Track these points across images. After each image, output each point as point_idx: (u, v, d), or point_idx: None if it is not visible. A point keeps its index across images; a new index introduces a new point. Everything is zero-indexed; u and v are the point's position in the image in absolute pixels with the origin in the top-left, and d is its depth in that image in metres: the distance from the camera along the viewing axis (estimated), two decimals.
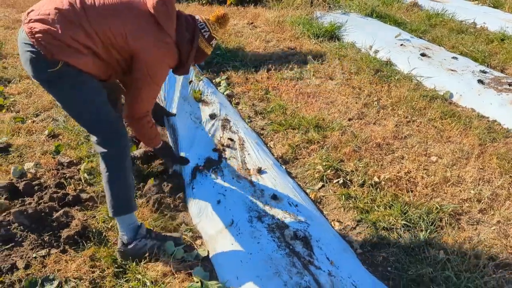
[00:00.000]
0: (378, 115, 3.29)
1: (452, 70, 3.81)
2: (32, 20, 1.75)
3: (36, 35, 1.72)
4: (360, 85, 3.74)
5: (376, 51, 4.44)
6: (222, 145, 2.80)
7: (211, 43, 2.18)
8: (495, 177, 2.57)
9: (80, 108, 1.93)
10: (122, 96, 2.41)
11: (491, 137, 2.98)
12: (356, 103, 3.46)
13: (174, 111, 3.15)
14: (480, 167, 2.67)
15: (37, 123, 3.22)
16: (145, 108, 2.14)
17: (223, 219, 2.18)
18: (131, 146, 2.66)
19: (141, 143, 2.81)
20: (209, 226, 2.18)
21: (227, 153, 2.72)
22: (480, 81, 3.57)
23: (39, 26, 1.73)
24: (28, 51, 1.75)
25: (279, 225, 2.12)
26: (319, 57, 4.33)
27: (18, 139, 2.97)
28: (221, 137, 2.88)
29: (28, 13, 1.79)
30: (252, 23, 5.44)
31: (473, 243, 2.10)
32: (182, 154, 2.69)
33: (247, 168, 2.59)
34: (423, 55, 4.14)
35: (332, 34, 4.92)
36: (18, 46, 1.82)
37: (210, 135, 2.92)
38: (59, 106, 2.12)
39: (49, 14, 1.75)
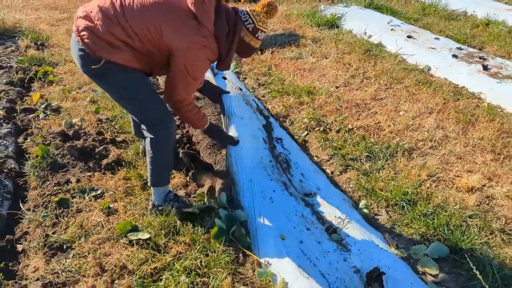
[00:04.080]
0: (362, 84, 3.87)
1: (432, 48, 4.34)
2: (79, 17, 1.91)
3: (81, 33, 1.87)
4: (350, 62, 4.32)
5: (370, 36, 5.00)
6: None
7: (256, 35, 2.07)
8: (449, 125, 3.10)
9: (127, 100, 2.06)
10: None
11: (455, 98, 3.51)
12: (345, 75, 4.04)
13: None
14: (439, 118, 3.21)
15: (80, 93, 3.96)
16: (182, 96, 2.10)
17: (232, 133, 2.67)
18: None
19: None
20: None
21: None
22: (454, 56, 4.09)
23: (83, 24, 1.87)
24: (76, 49, 1.92)
25: (270, 149, 2.72)
26: (318, 41, 4.93)
27: (66, 103, 3.71)
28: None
29: (78, 16, 1.94)
30: None
31: (419, 167, 2.65)
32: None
33: None
34: (409, 37, 4.68)
35: (333, 23, 5.51)
36: (71, 47, 2.00)
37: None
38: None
39: (91, 12, 1.87)
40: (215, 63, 2.16)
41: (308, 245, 2.00)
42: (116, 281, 1.98)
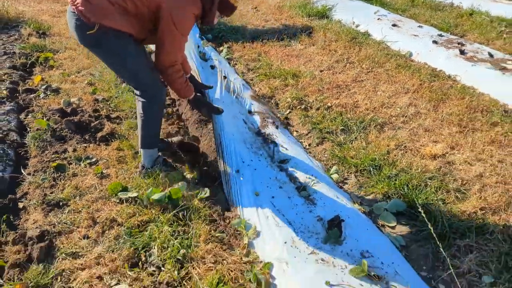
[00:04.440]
0: (345, 68, 4.08)
1: (415, 36, 4.54)
2: None
3: (76, 3, 2.00)
4: (336, 48, 4.53)
5: (357, 25, 5.21)
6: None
7: None
8: (422, 103, 3.31)
9: (122, 67, 2.20)
10: None
11: (431, 79, 3.71)
12: (330, 60, 4.26)
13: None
14: (414, 97, 3.42)
15: (79, 77, 4.19)
16: (172, 58, 2.21)
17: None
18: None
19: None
20: None
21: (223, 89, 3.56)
22: (434, 42, 4.29)
23: None
24: (73, 20, 2.04)
25: (253, 124, 2.94)
26: (307, 30, 5.15)
27: (65, 85, 3.94)
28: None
29: None
30: (256, 7, 6.32)
31: (389, 138, 2.86)
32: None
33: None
34: (394, 25, 4.88)
35: (323, 14, 5.72)
36: (67, 20, 2.14)
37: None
38: (104, 65, 2.46)
39: None
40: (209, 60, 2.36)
41: (279, 200, 2.22)
42: (107, 232, 2.21)
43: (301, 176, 2.42)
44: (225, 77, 3.74)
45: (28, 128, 3.21)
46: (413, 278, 1.79)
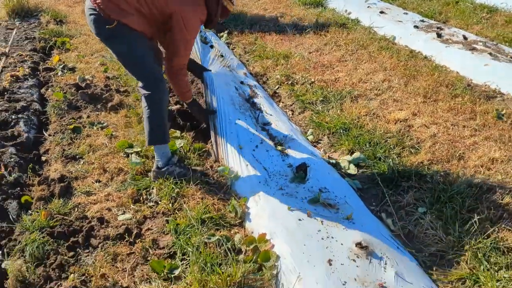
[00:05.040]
0: (332, 50, 4.47)
1: (399, 21, 4.90)
2: None
3: (97, 1, 2.21)
4: (326, 33, 4.92)
5: (349, 13, 5.58)
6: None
7: (232, 1, 2.54)
8: (395, 79, 3.70)
9: (130, 58, 2.40)
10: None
11: (408, 59, 4.09)
12: (319, 43, 4.65)
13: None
14: (389, 74, 3.80)
15: (92, 58, 4.65)
16: (183, 61, 2.53)
17: None
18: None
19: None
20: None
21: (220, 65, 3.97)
22: (415, 27, 4.66)
23: None
24: (91, 14, 2.27)
25: (244, 92, 3.36)
26: (302, 18, 5.54)
27: (80, 65, 4.41)
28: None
29: None
30: None
31: (361, 107, 3.26)
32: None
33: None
34: (381, 12, 5.25)
35: (319, 3, 6.10)
36: (85, 11, 2.36)
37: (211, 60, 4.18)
38: (114, 57, 2.57)
39: None
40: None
41: (258, 152, 2.64)
42: (115, 178, 2.67)
43: (280, 135, 2.84)
44: (222, 55, 4.16)
45: (48, 99, 3.69)
46: (360, 207, 2.20)
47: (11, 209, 2.40)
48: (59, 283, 1.92)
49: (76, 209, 2.40)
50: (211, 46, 4.43)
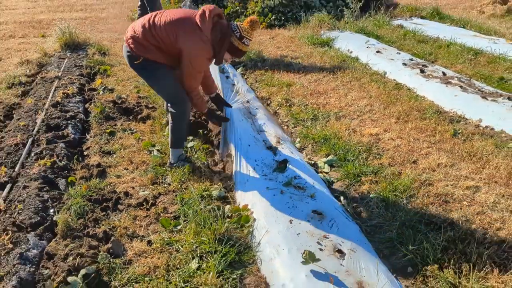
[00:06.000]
0: (329, 80, 5.21)
1: (392, 59, 5.62)
2: (128, 32, 2.93)
3: (128, 41, 2.89)
4: (327, 67, 5.68)
5: (351, 52, 6.35)
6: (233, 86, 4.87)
7: (243, 41, 2.86)
8: (377, 104, 4.36)
9: (156, 85, 3.07)
10: None
11: (393, 89, 4.75)
12: (319, 75, 5.40)
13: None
14: (373, 100, 4.47)
15: (128, 83, 5.56)
16: (192, 86, 3.00)
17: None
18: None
19: None
20: None
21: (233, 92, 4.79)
22: (404, 64, 5.35)
23: (130, 35, 2.89)
24: (126, 50, 2.94)
25: (250, 111, 4.10)
26: (309, 54, 6.35)
27: (118, 87, 5.32)
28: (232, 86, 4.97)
29: (127, 31, 2.98)
30: (273, 38, 7.63)
31: (342, 124, 3.92)
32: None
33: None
34: (378, 51, 5.98)
35: (326, 43, 6.92)
36: (123, 49, 3.05)
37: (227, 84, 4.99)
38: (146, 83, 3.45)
39: (136, 28, 2.90)
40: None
41: (252, 149, 3.33)
42: (139, 167, 3.42)
43: (271, 140, 3.53)
44: (233, 84, 4.98)
45: (90, 112, 4.56)
46: (324, 192, 2.83)
47: (60, 184, 3.17)
48: (94, 230, 2.63)
49: (108, 186, 3.14)
50: (227, 77, 5.27)
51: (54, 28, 7.91)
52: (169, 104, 3.13)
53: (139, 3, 6.48)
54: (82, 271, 2.17)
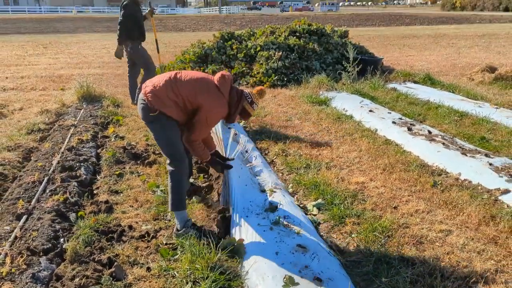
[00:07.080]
0: (323, 135, 5.62)
1: (382, 118, 6.07)
2: (147, 86, 3.00)
3: (147, 94, 2.94)
4: (323, 123, 6.13)
5: (346, 111, 6.84)
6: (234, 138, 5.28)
7: (252, 106, 3.20)
8: (365, 156, 4.72)
9: (163, 139, 3.08)
10: None
11: (382, 145, 5.14)
12: (314, 130, 5.83)
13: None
14: (363, 153, 4.84)
15: (138, 132, 6.02)
16: (199, 137, 3.12)
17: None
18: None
19: None
20: None
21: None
22: (393, 122, 5.79)
23: (150, 89, 2.95)
24: (141, 103, 2.99)
25: (249, 160, 4.48)
26: (307, 112, 6.84)
27: (128, 135, 5.77)
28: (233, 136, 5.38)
29: (146, 85, 3.04)
30: (275, 96, 8.20)
31: (332, 173, 4.26)
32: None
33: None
34: (370, 111, 6.46)
35: (323, 102, 7.45)
36: (137, 102, 3.12)
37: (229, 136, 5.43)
38: (152, 137, 3.35)
39: (157, 82, 3.00)
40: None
41: (248, 190, 3.65)
42: (143, 205, 3.74)
43: (266, 184, 3.87)
44: (236, 133, 5.40)
45: (101, 156, 4.97)
46: (310, 229, 3.11)
47: (71, 217, 3.49)
48: (99, 256, 2.91)
49: (114, 220, 3.45)
50: (229, 128, 5.72)
51: (73, 82, 8.60)
52: (168, 162, 3.19)
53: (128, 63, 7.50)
54: None
